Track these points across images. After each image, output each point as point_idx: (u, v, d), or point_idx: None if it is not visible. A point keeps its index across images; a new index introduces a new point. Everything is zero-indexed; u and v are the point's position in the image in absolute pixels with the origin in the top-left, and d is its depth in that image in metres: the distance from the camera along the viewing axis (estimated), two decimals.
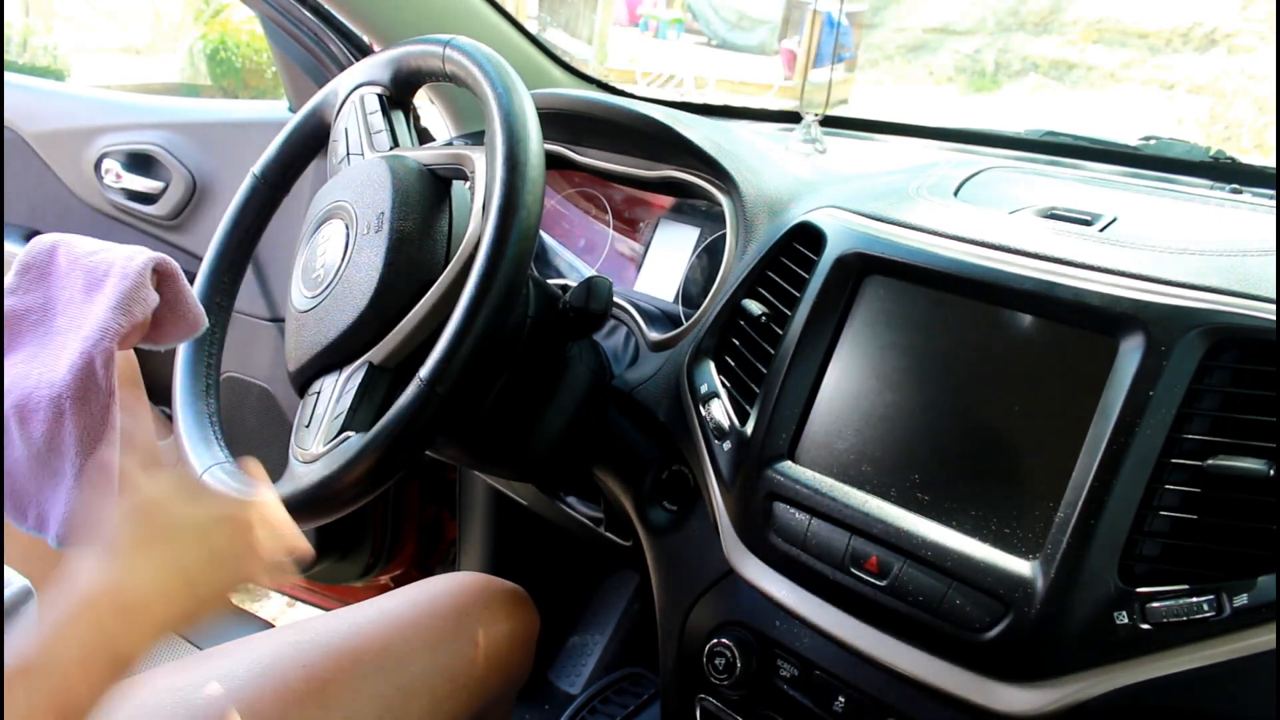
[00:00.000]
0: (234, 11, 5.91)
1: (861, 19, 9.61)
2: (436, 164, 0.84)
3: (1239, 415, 0.60)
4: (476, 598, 0.93)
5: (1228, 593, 0.58)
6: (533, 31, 1.31)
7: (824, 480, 0.73)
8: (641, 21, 11.13)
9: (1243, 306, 0.62)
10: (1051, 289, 0.67)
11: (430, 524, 1.59)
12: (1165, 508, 0.60)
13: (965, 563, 0.65)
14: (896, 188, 0.85)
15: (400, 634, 0.85)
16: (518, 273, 0.70)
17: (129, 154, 1.52)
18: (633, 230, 1.08)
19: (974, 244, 0.73)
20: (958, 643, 0.66)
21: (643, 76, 7.89)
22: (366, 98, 0.90)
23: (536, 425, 0.87)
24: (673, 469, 0.90)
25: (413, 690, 0.82)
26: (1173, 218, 0.83)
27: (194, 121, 1.51)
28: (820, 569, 0.72)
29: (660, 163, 1.01)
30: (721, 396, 0.82)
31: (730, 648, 0.80)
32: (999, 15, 9.57)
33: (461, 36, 0.83)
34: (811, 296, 0.77)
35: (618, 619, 1.49)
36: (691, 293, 1.00)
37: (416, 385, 0.70)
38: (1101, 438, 0.62)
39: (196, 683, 0.75)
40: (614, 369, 0.95)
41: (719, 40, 10.72)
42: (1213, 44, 7.93)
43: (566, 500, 1.05)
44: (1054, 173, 0.98)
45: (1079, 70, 8.67)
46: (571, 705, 1.32)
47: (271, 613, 1.93)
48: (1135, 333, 0.63)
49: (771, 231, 0.86)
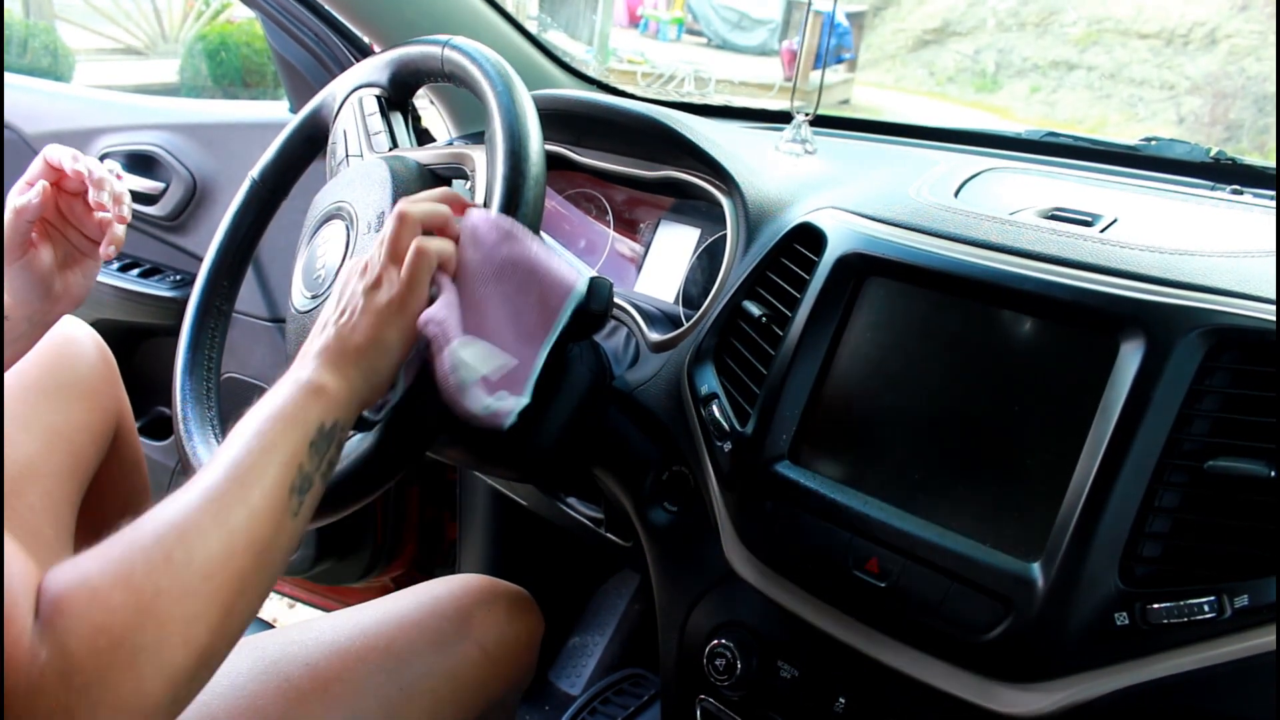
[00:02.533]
0: (234, 11, 5.91)
1: (862, 19, 9.61)
2: (437, 163, 0.84)
3: (1239, 416, 0.60)
4: (481, 600, 0.93)
5: (1228, 594, 0.58)
6: (533, 32, 1.31)
7: (824, 481, 0.73)
8: (641, 21, 11.14)
9: (1243, 307, 0.62)
10: (1052, 289, 0.67)
11: (430, 525, 1.59)
12: (1166, 509, 0.60)
13: (966, 564, 0.65)
14: (897, 188, 0.85)
15: (404, 634, 0.85)
16: None
17: (129, 154, 1.53)
18: (633, 231, 1.08)
19: (974, 244, 0.73)
20: (958, 644, 0.66)
21: (643, 77, 7.90)
22: (365, 99, 0.90)
23: (537, 426, 0.87)
24: (673, 469, 0.90)
25: (416, 691, 0.83)
26: (1173, 218, 0.83)
27: (194, 122, 1.51)
28: (820, 570, 0.72)
29: (660, 163, 1.01)
30: (721, 397, 0.81)
31: (730, 648, 0.80)
32: (999, 16, 9.57)
33: (460, 37, 0.83)
34: (812, 297, 0.77)
35: (618, 620, 1.50)
36: (692, 293, 1.00)
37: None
38: (1102, 438, 0.62)
39: None
40: (614, 370, 0.95)
41: (719, 40, 10.73)
42: (1213, 44, 7.93)
43: (567, 501, 1.05)
44: (1054, 173, 0.98)
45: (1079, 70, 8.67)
46: (572, 706, 1.32)
47: (272, 613, 1.93)
48: (1136, 333, 0.63)
49: (772, 232, 0.86)
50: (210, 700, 0.74)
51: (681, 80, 8.16)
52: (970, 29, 9.72)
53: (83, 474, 1.02)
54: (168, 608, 0.47)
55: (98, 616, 0.45)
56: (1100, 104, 8.59)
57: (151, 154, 1.50)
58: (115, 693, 0.45)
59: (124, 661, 0.45)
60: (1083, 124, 8.15)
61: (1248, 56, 7.65)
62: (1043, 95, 8.95)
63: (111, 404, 1.06)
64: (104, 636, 0.45)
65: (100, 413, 1.05)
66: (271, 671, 0.77)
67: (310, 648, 0.80)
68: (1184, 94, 8.00)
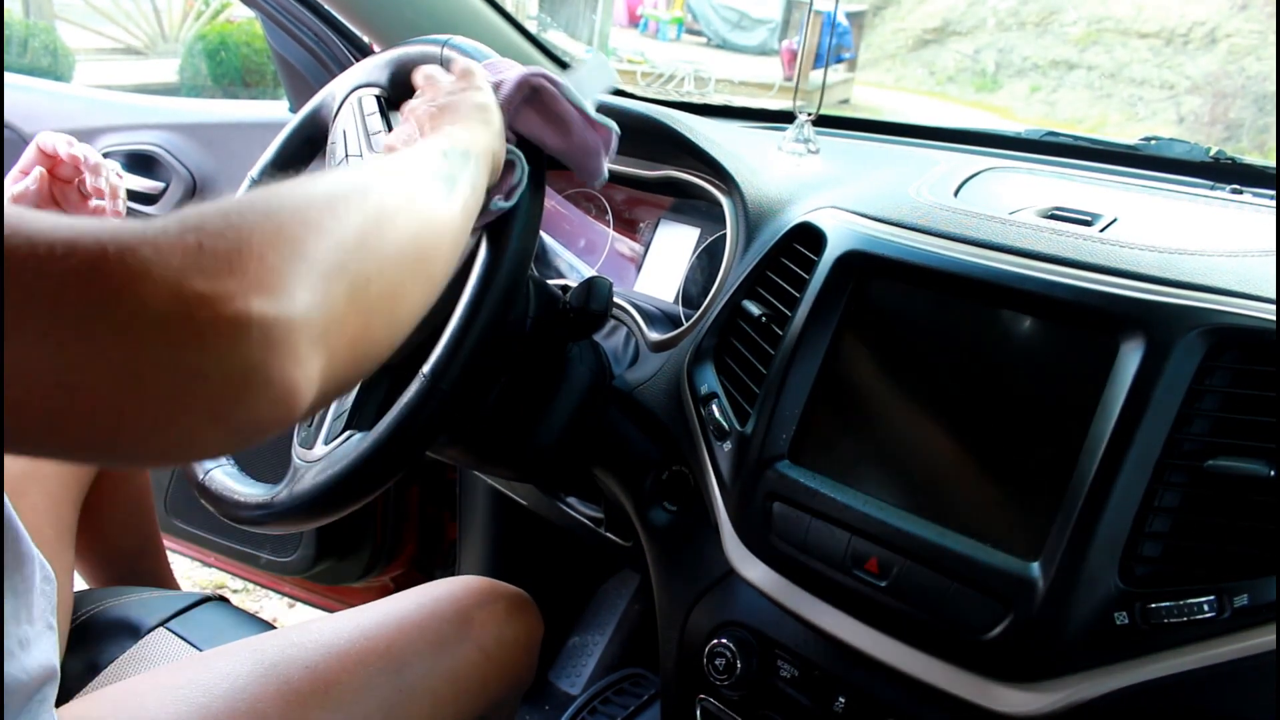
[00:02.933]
0: (234, 11, 5.91)
1: (862, 19, 9.61)
2: None
3: (1239, 416, 0.60)
4: (481, 601, 0.93)
5: (1228, 593, 0.58)
6: (533, 31, 1.31)
7: (824, 480, 0.73)
8: (641, 21, 11.14)
9: (1243, 307, 0.62)
10: (1051, 289, 0.67)
11: (430, 525, 1.59)
12: (1165, 508, 0.60)
13: (965, 563, 0.65)
14: (897, 188, 0.85)
15: (404, 636, 0.85)
16: (519, 269, 0.71)
17: (129, 154, 1.52)
18: (633, 231, 1.08)
19: (974, 244, 0.73)
20: (958, 643, 0.66)
21: (643, 76, 7.90)
22: (364, 99, 0.90)
23: (537, 425, 0.87)
24: (673, 469, 0.90)
25: (415, 692, 0.82)
26: (1173, 218, 0.83)
27: (194, 122, 1.51)
28: (820, 569, 0.72)
29: (660, 163, 1.01)
30: (721, 397, 0.82)
31: (730, 648, 0.80)
32: (999, 15, 9.58)
33: (460, 36, 0.83)
34: (811, 297, 0.77)
35: (618, 619, 1.49)
36: (691, 293, 1.00)
37: (420, 382, 0.70)
38: (1102, 438, 0.62)
39: (199, 681, 0.75)
40: (614, 369, 0.95)
41: (719, 40, 10.72)
42: (1213, 43, 7.93)
43: (567, 501, 1.06)
44: (1054, 173, 0.98)
45: (1079, 70, 8.67)
46: (572, 706, 1.31)
47: (272, 614, 1.93)
48: (1136, 333, 0.63)
49: (772, 232, 0.86)
50: (210, 703, 0.74)
51: (681, 80, 8.16)
52: (970, 28, 9.72)
53: (85, 473, 1.02)
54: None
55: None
56: (1100, 103, 8.59)
57: (151, 154, 1.50)
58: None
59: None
60: (1083, 123, 8.16)
61: (1248, 56, 7.65)
62: (1043, 95, 8.95)
63: None
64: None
65: None
66: (271, 673, 0.77)
67: (310, 649, 0.80)
68: (1184, 93, 8.01)
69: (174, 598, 0.99)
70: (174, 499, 1.56)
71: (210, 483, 0.82)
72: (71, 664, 0.88)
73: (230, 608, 1.01)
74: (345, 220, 0.43)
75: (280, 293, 0.37)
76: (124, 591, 1.00)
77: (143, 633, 0.92)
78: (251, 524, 0.78)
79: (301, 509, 0.73)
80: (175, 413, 0.35)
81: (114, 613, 0.95)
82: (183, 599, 0.98)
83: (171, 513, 1.56)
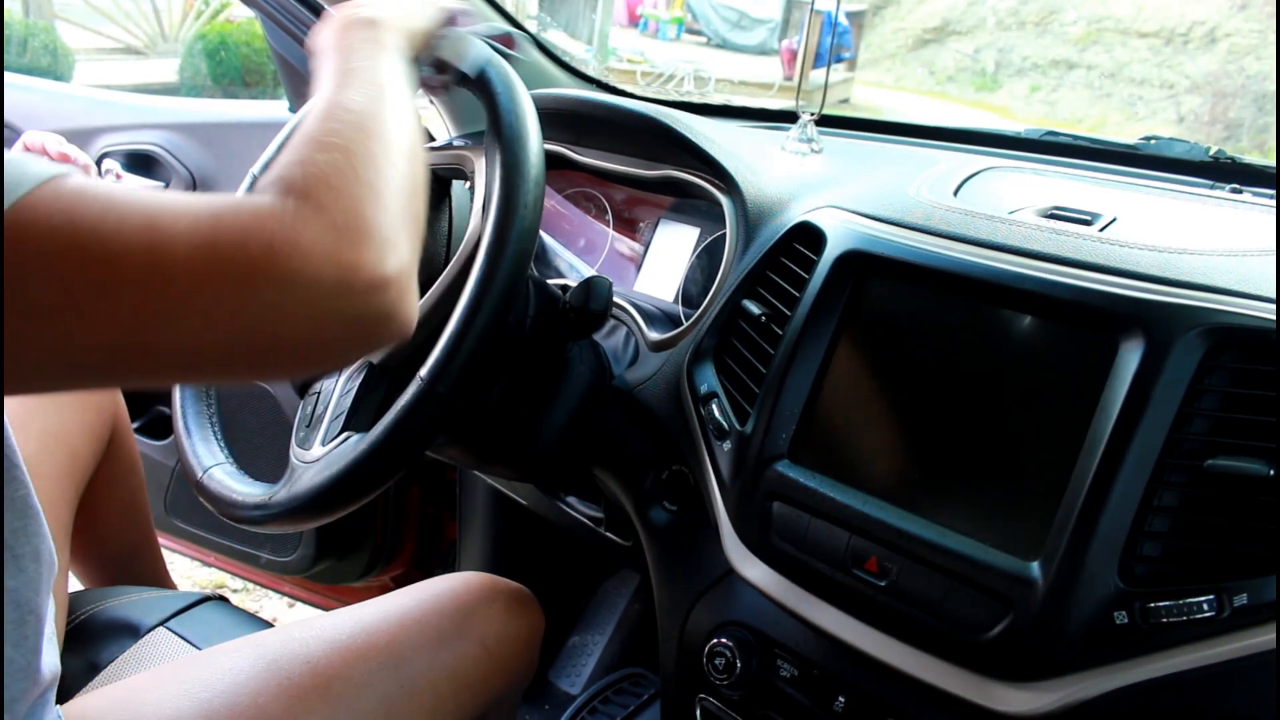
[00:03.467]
0: (234, 11, 5.92)
1: (862, 18, 9.61)
2: (436, 164, 0.84)
3: (1239, 415, 0.60)
4: (482, 597, 0.93)
5: (1228, 593, 0.58)
6: (532, 31, 1.31)
7: (824, 480, 0.73)
8: (641, 21, 11.14)
9: (1243, 306, 0.62)
10: (1051, 289, 0.67)
11: (430, 524, 1.59)
12: (1165, 508, 0.60)
13: (965, 563, 0.65)
14: (896, 188, 0.85)
15: (405, 632, 0.85)
16: (518, 272, 0.70)
17: (129, 154, 1.52)
18: (632, 230, 1.08)
19: (974, 244, 0.73)
20: (958, 643, 0.66)
21: (642, 76, 7.90)
22: None
23: (537, 425, 0.87)
24: (673, 469, 0.90)
25: (416, 688, 0.83)
26: (1173, 218, 0.83)
27: (194, 121, 1.51)
28: (820, 569, 0.72)
29: (660, 163, 1.01)
30: (721, 396, 0.82)
31: (730, 648, 0.80)
32: (999, 15, 9.57)
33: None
34: (811, 296, 0.77)
35: (618, 619, 1.50)
36: (691, 293, 1.00)
37: (417, 384, 0.70)
38: (1101, 437, 0.62)
39: (201, 678, 0.75)
40: (614, 369, 0.95)
41: (719, 40, 10.72)
42: (1213, 43, 7.93)
43: (567, 500, 1.06)
44: (1054, 173, 0.98)
45: (1079, 69, 8.66)
46: (572, 705, 1.32)
47: (272, 614, 1.93)
48: (1135, 332, 0.63)
49: (771, 231, 0.86)
50: (211, 699, 0.74)
51: (681, 79, 8.16)
52: (970, 28, 9.72)
53: (80, 475, 1.02)
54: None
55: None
56: (1100, 103, 8.59)
57: (151, 153, 1.50)
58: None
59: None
60: (1082, 123, 8.16)
61: (1247, 55, 7.65)
62: (1042, 94, 8.95)
63: (108, 405, 1.06)
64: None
65: (96, 413, 1.05)
66: (272, 670, 0.77)
67: (311, 645, 0.80)
68: (1184, 93, 8.01)
69: (173, 597, 0.99)
70: (174, 499, 1.57)
71: (209, 482, 0.82)
72: (71, 664, 0.88)
73: (230, 607, 1.01)
74: (397, 164, 0.55)
75: (399, 251, 0.51)
76: (123, 591, 1.00)
77: (142, 632, 0.92)
78: (249, 523, 0.78)
79: (299, 509, 0.73)
80: (345, 344, 0.51)
81: (113, 612, 0.95)
82: (182, 599, 0.98)
83: (172, 512, 1.57)
